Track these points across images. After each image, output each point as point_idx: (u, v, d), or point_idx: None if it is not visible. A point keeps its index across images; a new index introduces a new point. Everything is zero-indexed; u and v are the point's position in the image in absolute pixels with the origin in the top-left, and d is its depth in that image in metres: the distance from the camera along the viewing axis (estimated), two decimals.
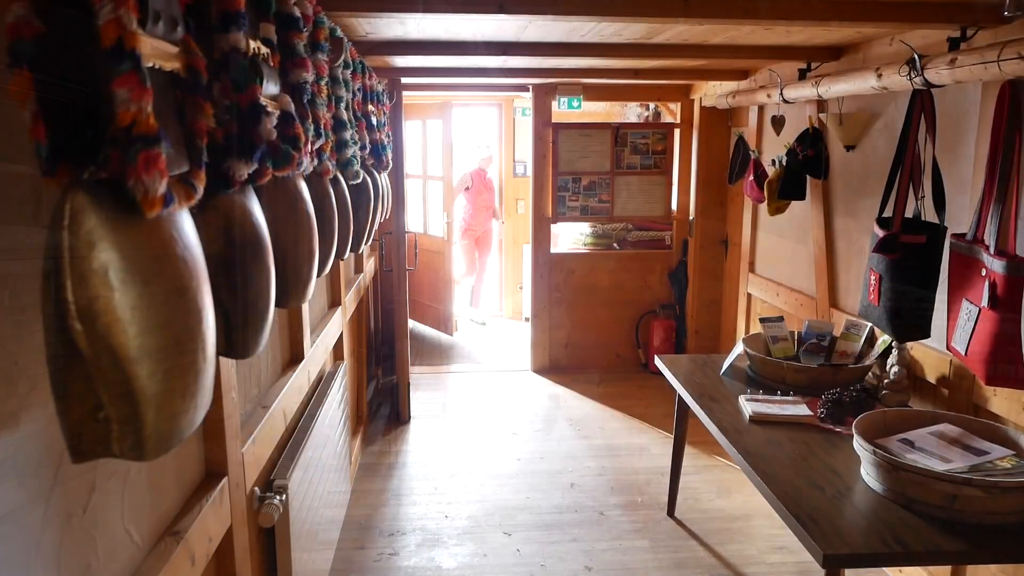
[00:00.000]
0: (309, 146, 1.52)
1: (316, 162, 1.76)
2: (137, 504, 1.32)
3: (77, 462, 0.81)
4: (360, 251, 3.59)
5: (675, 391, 3.25)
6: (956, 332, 2.26)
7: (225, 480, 1.69)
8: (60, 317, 0.74)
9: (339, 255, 2.12)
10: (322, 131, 1.73)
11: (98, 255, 0.74)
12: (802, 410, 2.69)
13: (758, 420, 2.65)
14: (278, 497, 2.09)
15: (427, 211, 6.48)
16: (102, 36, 0.73)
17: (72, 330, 0.74)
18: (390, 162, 3.38)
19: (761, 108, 4.54)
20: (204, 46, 1.04)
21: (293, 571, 2.21)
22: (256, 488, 2.04)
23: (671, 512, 3.55)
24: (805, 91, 3.46)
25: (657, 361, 3.49)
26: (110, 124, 0.76)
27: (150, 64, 0.85)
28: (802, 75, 3.67)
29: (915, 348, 2.89)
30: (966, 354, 2.20)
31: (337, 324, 3.45)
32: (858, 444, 2.16)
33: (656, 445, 4.37)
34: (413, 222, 6.29)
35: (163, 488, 1.45)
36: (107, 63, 0.74)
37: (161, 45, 0.89)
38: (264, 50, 1.30)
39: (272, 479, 2.16)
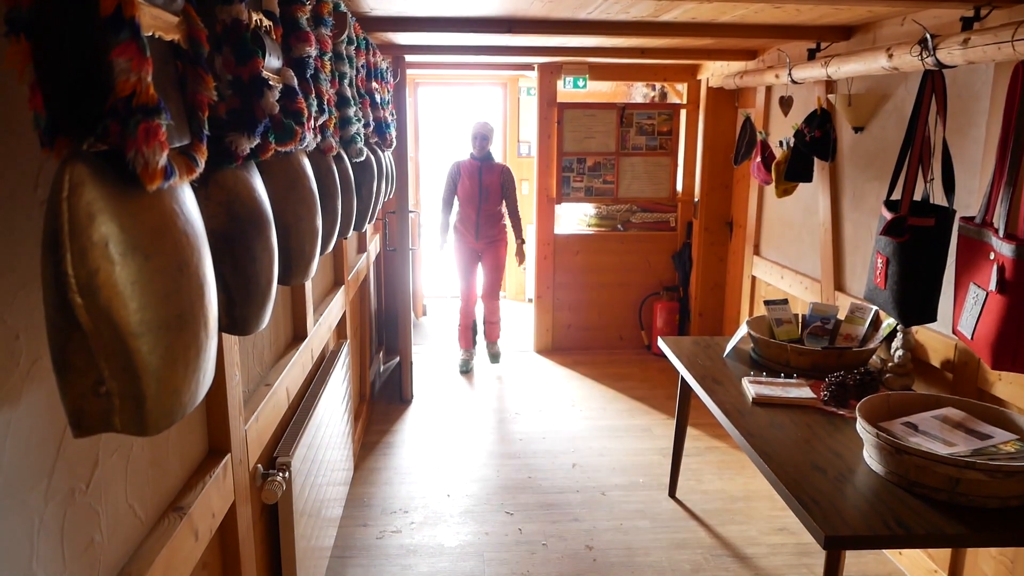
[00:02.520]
0: (312, 122, 1.50)
1: (319, 139, 1.75)
2: (140, 480, 1.33)
3: (79, 436, 0.80)
4: (363, 230, 3.58)
5: (678, 373, 3.24)
6: (963, 316, 2.24)
7: (228, 457, 1.70)
8: (60, 291, 0.73)
9: (342, 233, 2.11)
10: (325, 107, 1.71)
11: (98, 228, 0.73)
12: (805, 393, 2.69)
13: (761, 402, 2.65)
14: (281, 474, 2.09)
15: None
16: (100, 3, 0.72)
17: (73, 304, 0.73)
18: (394, 140, 3.36)
19: (769, 89, 4.50)
20: (205, 18, 1.03)
21: (296, 548, 2.22)
22: (259, 465, 2.05)
23: (672, 493, 3.56)
24: (814, 71, 3.42)
25: (660, 343, 3.48)
26: (109, 94, 0.74)
27: (150, 33, 0.83)
28: (811, 55, 3.63)
29: (920, 332, 2.88)
30: (972, 338, 2.18)
31: (340, 303, 3.45)
32: (861, 427, 2.16)
33: (658, 426, 4.38)
34: None
35: (166, 464, 1.45)
36: (105, 32, 0.73)
37: (161, 14, 0.87)
38: (266, 23, 1.28)
39: (275, 456, 2.17)
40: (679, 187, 5.70)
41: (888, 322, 3.01)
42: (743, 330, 3.22)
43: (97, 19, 0.72)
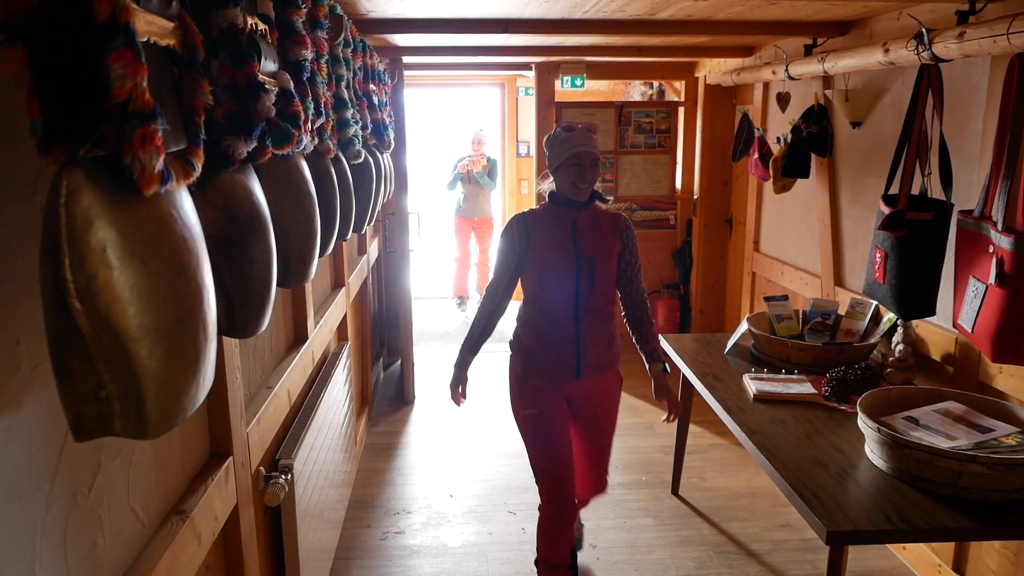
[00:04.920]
0: (309, 124, 1.50)
1: (317, 141, 1.75)
2: (142, 483, 1.33)
3: (79, 441, 0.81)
4: (363, 232, 3.59)
5: (679, 370, 3.25)
6: (962, 309, 2.24)
7: (230, 460, 1.70)
8: (59, 296, 0.73)
9: (341, 235, 2.11)
10: (322, 110, 1.72)
11: (96, 233, 0.74)
12: (806, 388, 2.69)
13: (762, 399, 2.65)
14: (283, 477, 2.10)
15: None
16: (95, 10, 0.72)
17: (71, 309, 0.74)
18: (392, 142, 3.36)
19: (766, 85, 4.50)
20: (201, 22, 1.03)
21: (299, 549, 2.22)
22: (261, 468, 2.05)
23: (675, 491, 3.56)
24: (811, 67, 3.42)
25: (662, 340, 3.49)
26: (105, 100, 0.75)
27: (145, 39, 0.83)
28: (808, 51, 3.63)
29: (920, 326, 2.88)
30: (972, 331, 2.19)
31: (341, 305, 3.45)
32: (862, 422, 2.16)
33: (660, 424, 4.38)
34: None
35: (168, 468, 1.46)
36: (101, 38, 0.73)
37: (156, 20, 0.88)
38: (262, 27, 1.29)
39: (277, 459, 2.17)
40: (678, 185, 5.70)
41: (888, 317, 3.01)
42: (744, 327, 3.22)
43: (92, 26, 0.73)
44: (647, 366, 2.65)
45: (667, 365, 2.69)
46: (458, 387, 2.63)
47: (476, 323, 2.61)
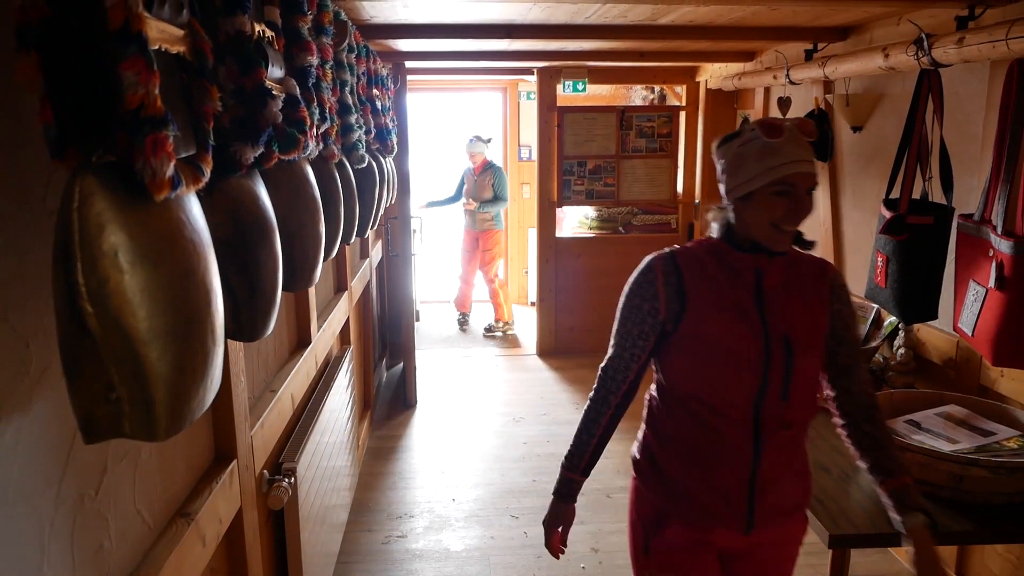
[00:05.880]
0: (314, 129, 1.52)
1: (321, 146, 1.76)
2: (148, 486, 1.34)
3: (89, 442, 0.82)
4: (366, 236, 3.60)
5: None
6: (963, 313, 2.25)
7: (234, 463, 1.71)
8: (71, 299, 0.74)
9: (345, 239, 2.13)
10: (327, 115, 1.73)
11: (107, 237, 0.75)
12: None
13: None
14: (287, 480, 2.10)
15: None
16: (109, 18, 0.74)
17: (83, 312, 0.75)
18: (395, 146, 3.38)
19: (767, 90, 4.51)
20: (209, 29, 1.04)
21: (302, 553, 2.23)
22: (265, 471, 2.06)
23: None
24: (811, 72, 3.44)
25: None
26: (118, 107, 0.76)
27: (156, 47, 0.85)
28: (808, 56, 3.64)
29: (922, 330, 2.89)
30: (973, 335, 2.19)
31: (344, 309, 3.46)
32: None
33: None
34: None
35: (173, 470, 1.46)
36: (114, 46, 0.74)
37: (167, 28, 0.89)
38: (269, 33, 1.30)
39: (280, 462, 2.18)
40: (679, 189, 5.71)
41: (890, 320, 3.02)
42: None
43: (105, 33, 0.74)
44: (895, 517, 1.57)
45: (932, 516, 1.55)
46: (557, 527, 1.81)
47: (583, 432, 1.81)
